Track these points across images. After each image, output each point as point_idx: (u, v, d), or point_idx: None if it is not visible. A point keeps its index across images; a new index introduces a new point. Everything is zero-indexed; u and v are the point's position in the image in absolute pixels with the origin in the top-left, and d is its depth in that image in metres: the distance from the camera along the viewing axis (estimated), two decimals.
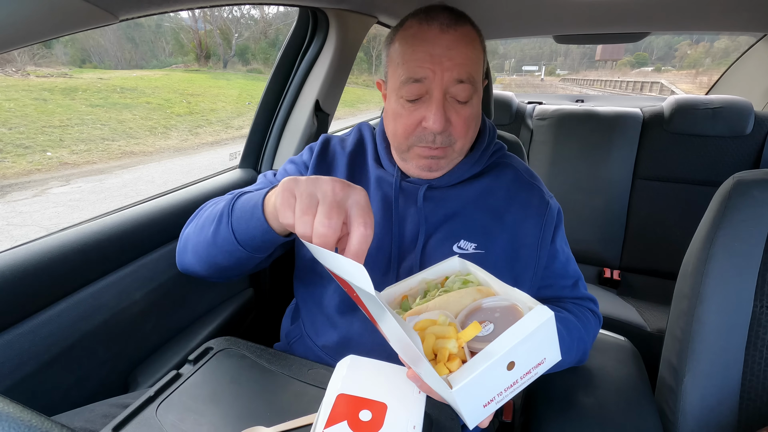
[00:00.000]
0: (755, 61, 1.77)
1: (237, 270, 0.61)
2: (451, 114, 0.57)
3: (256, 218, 0.51)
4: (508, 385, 0.35)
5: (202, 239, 0.59)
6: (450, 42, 0.55)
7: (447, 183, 0.65)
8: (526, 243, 0.64)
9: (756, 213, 0.61)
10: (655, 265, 1.55)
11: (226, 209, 0.55)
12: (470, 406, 0.34)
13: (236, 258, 0.56)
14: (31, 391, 0.57)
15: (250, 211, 0.52)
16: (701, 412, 0.63)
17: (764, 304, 0.61)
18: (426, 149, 0.60)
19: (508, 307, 0.40)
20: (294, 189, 0.43)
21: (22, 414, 0.22)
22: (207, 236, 0.57)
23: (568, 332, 0.61)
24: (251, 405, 0.47)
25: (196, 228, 0.61)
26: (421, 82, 0.56)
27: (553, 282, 0.68)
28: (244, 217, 0.53)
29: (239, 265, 0.59)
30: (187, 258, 0.63)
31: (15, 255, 0.58)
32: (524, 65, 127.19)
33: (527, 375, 0.36)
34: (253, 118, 1.11)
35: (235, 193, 0.58)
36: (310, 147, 0.73)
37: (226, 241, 0.55)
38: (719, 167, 1.45)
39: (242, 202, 0.54)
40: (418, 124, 0.58)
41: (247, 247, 0.54)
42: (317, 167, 0.69)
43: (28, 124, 5.68)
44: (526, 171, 0.69)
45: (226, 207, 0.56)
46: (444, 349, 0.36)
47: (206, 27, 17.19)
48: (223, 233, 0.55)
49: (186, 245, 0.63)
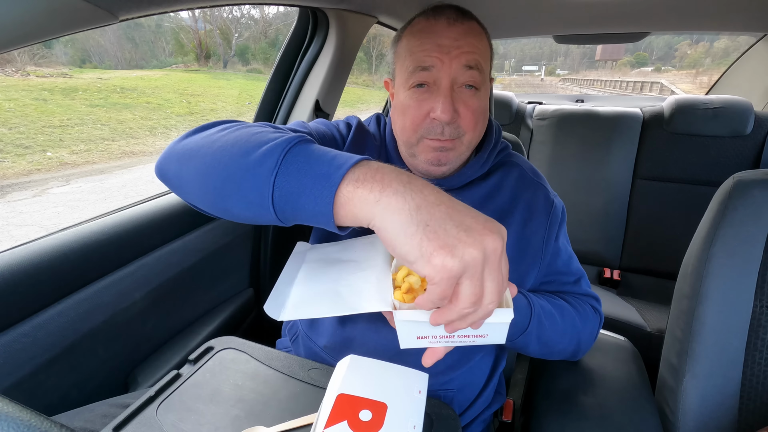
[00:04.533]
0: (755, 61, 1.77)
1: (242, 220, 0.43)
2: (459, 105, 0.57)
3: (319, 194, 0.35)
4: (445, 336, 0.39)
5: (222, 165, 0.40)
6: (458, 34, 0.56)
7: (457, 184, 0.65)
8: (532, 242, 0.64)
9: (756, 213, 0.61)
10: (655, 265, 1.55)
11: (278, 152, 0.38)
12: (405, 332, 0.39)
13: (255, 214, 0.40)
14: (31, 391, 0.57)
15: (316, 180, 0.35)
16: (701, 412, 0.63)
17: (764, 304, 0.61)
18: (435, 141, 0.59)
19: None
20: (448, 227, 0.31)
21: (22, 414, 0.22)
22: (230, 166, 0.40)
23: (562, 318, 0.62)
24: (251, 405, 0.47)
25: (216, 143, 0.43)
26: (428, 71, 0.56)
27: (555, 278, 0.68)
28: (300, 181, 0.36)
29: (249, 218, 0.42)
30: (182, 168, 0.45)
31: (15, 255, 0.58)
32: (524, 65, 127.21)
33: (465, 338, 0.39)
34: (254, 118, 1.11)
35: (299, 135, 0.40)
36: (348, 122, 0.69)
37: (255, 191, 0.38)
38: (719, 167, 1.45)
39: (307, 155, 0.37)
40: (426, 116, 0.58)
41: (280, 214, 0.38)
42: (350, 148, 0.66)
43: (28, 124, 5.68)
44: (531, 170, 0.70)
45: (278, 149, 0.38)
46: (407, 283, 0.40)
47: (206, 27, 17.19)
48: (259, 179, 0.37)
49: (191, 155, 0.44)
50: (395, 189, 0.33)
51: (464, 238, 0.31)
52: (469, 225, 0.32)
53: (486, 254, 0.31)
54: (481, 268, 0.31)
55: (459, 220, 0.32)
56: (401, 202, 0.33)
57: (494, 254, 0.32)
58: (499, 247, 0.32)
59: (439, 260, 0.30)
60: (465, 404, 0.67)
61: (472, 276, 0.31)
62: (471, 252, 0.31)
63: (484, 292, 0.32)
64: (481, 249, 0.31)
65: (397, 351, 0.44)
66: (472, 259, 0.31)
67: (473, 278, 0.31)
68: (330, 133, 0.66)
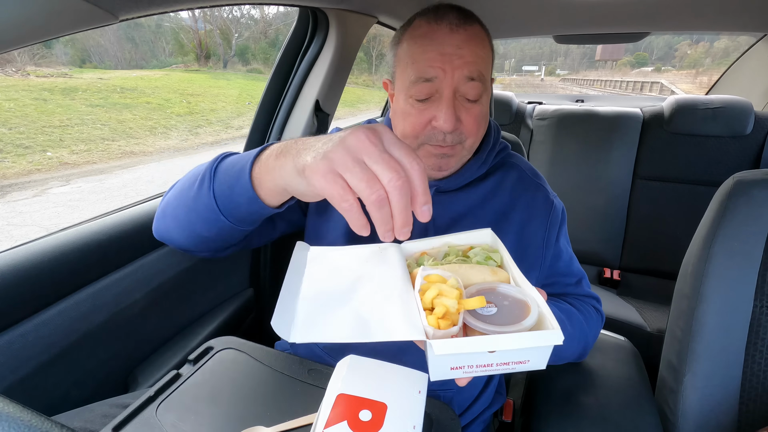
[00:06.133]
0: (755, 61, 1.77)
1: (221, 242, 0.54)
2: (462, 113, 0.57)
3: (241, 184, 0.44)
4: (482, 365, 0.36)
5: (182, 202, 0.52)
6: (460, 41, 0.55)
7: (455, 186, 0.64)
8: (532, 243, 0.64)
9: (756, 213, 0.61)
10: (655, 265, 1.55)
11: (208, 170, 0.48)
12: (438, 363, 0.35)
13: (218, 228, 0.50)
14: (31, 391, 0.57)
15: (235, 175, 0.45)
16: (701, 412, 0.63)
17: (764, 304, 0.61)
18: (436, 147, 0.59)
19: (519, 301, 0.40)
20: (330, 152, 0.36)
21: (22, 414, 0.22)
22: (187, 199, 0.51)
23: (571, 324, 0.61)
24: (251, 405, 0.47)
25: (176, 190, 0.55)
26: (431, 82, 0.56)
27: (557, 280, 0.68)
28: (227, 182, 0.46)
29: (221, 238, 0.52)
30: (166, 223, 0.57)
31: (15, 255, 0.58)
32: (524, 65, 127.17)
33: (505, 365, 0.36)
34: (253, 118, 1.11)
35: (222, 154, 0.51)
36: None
37: (206, 208, 0.48)
38: (719, 167, 1.45)
39: (228, 163, 0.48)
40: (427, 124, 0.58)
41: (230, 217, 0.48)
42: None
43: (28, 124, 5.68)
44: (531, 171, 0.70)
45: (208, 168, 0.49)
46: (443, 306, 0.36)
47: (206, 27, 17.19)
48: (204, 198, 0.48)
49: (165, 209, 0.57)
50: (280, 150, 0.42)
51: (328, 146, 0.36)
52: (332, 137, 0.38)
53: (348, 146, 0.35)
54: (351, 158, 0.34)
55: (324, 140, 0.39)
56: (283, 158, 0.41)
57: (361, 143, 0.35)
58: (363, 137, 0.35)
59: (312, 167, 0.36)
60: (465, 404, 0.67)
61: (345, 168, 0.34)
62: (334, 150, 0.35)
63: (377, 175, 0.34)
64: (342, 146, 0.35)
65: (397, 351, 0.44)
66: (338, 156, 0.35)
67: (349, 170, 0.34)
68: None
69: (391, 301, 0.40)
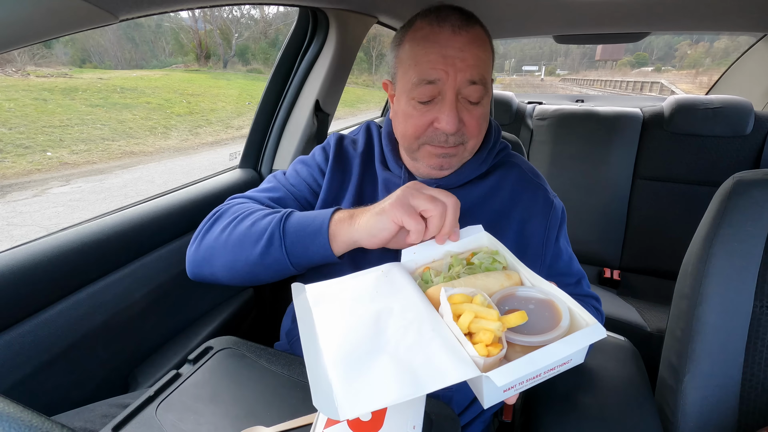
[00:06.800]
0: (755, 61, 1.77)
1: (271, 280, 0.61)
2: (464, 114, 0.58)
3: (319, 244, 0.53)
4: (532, 377, 0.35)
5: (242, 258, 0.57)
6: (462, 44, 0.55)
7: (455, 183, 0.65)
8: (532, 242, 0.64)
9: (756, 213, 0.61)
10: (655, 265, 1.55)
11: (276, 231, 0.55)
12: (492, 390, 0.34)
13: (282, 275, 0.57)
14: (31, 391, 0.57)
15: (311, 236, 0.53)
16: (701, 412, 0.63)
17: (764, 304, 0.61)
18: (438, 148, 0.60)
19: (544, 302, 0.40)
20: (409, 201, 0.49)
21: (22, 414, 0.22)
22: (252, 256, 0.56)
23: None
24: (251, 405, 0.47)
25: (228, 244, 0.58)
26: (434, 84, 0.56)
27: (556, 280, 0.67)
28: (302, 242, 0.54)
29: (278, 277, 0.59)
30: (213, 269, 0.60)
31: (15, 255, 0.58)
32: (524, 65, 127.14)
33: (551, 371, 0.36)
34: (254, 118, 1.11)
35: (282, 213, 0.57)
36: (323, 148, 0.72)
37: (277, 263, 0.55)
38: (719, 167, 1.45)
39: (296, 224, 0.55)
40: (429, 125, 0.59)
41: (299, 268, 0.56)
42: (334, 169, 0.68)
43: (28, 124, 5.68)
44: (531, 170, 0.70)
45: (275, 228, 0.55)
46: (488, 331, 0.35)
47: (206, 27, 17.18)
48: (276, 255, 0.55)
49: (212, 258, 0.59)
50: (352, 215, 0.54)
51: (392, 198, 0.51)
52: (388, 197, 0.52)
53: (403, 192, 0.50)
54: (399, 203, 0.48)
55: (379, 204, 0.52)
56: (358, 219, 0.52)
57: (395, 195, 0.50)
58: (411, 186, 0.51)
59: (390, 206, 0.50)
60: (464, 404, 0.67)
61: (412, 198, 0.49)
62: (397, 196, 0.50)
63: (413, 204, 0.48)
64: (399, 193, 0.50)
65: None
66: (402, 194, 0.50)
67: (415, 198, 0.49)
68: (306, 171, 0.70)
69: (427, 337, 0.36)
